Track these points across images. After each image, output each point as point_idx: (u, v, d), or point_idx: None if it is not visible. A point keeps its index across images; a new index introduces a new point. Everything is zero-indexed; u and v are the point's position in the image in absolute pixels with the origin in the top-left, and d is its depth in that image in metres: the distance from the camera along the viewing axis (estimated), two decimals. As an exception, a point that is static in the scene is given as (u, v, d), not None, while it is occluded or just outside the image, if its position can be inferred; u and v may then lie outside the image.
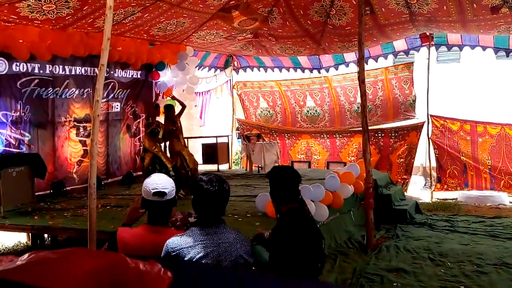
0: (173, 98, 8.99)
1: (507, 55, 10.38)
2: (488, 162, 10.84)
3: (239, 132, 13.36)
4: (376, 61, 11.78)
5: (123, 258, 0.75)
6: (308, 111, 13.31)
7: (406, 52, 11.68)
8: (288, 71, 13.27)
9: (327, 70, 12.75)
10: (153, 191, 2.78)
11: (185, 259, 2.44)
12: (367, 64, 9.11)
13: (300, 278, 2.47)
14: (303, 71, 13.15)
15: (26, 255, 0.80)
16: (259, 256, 3.01)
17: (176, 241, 2.55)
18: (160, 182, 2.82)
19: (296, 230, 2.92)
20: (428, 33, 10.81)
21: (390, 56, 11.87)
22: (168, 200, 2.83)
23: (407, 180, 11.53)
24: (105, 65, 3.87)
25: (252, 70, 13.58)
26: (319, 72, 12.91)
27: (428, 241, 7.49)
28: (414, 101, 12.13)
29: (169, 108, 8.71)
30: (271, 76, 13.89)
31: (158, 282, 0.76)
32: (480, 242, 7.40)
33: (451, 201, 10.62)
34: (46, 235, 7.13)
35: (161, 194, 2.78)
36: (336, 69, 12.57)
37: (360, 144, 8.05)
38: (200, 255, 2.45)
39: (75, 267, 0.75)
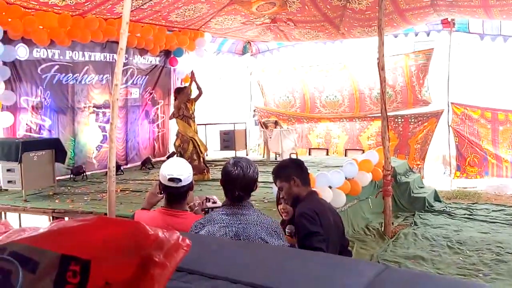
0: (193, 78, 8.52)
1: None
2: (509, 151, 10.66)
3: (256, 119, 13.33)
4: (396, 37, 11.39)
5: (143, 226, 0.76)
6: (327, 96, 13.20)
7: (427, 33, 11.33)
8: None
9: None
10: (168, 177, 2.80)
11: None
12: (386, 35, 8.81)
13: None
14: (324, 43, 12.76)
15: (48, 224, 0.81)
16: None
17: (199, 220, 2.59)
18: (176, 168, 2.83)
19: (322, 207, 3.07)
20: (449, 19, 10.60)
21: (411, 34, 11.47)
22: (184, 186, 2.84)
23: (420, 166, 11.44)
24: (124, 49, 3.89)
25: (272, 53, 13.42)
26: (341, 42, 12.55)
27: (446, 229, 7.44)
28: (426, 91, 11.97)
29: (181, 90, 8.43)
30: (290, 58, 13.71)
31: (177, 249, 0.77)
32: (500, 231, 7.32)
33: (470, 189, 10.50)
34: (66, 219, 7.23)
35: (176, 180, 2.79)
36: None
37: (380, 128, 8.01)
38: (217, 233, 2.47)
39: (96, 234, 0.76)
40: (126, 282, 0.73)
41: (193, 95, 8.55)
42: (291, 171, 3.15)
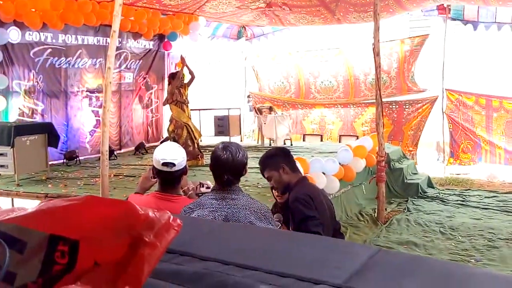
0: (183, 63, 8.53)
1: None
2: (503, 138, 10.69)
3: (251, 104, 13.28)
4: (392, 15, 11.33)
5: (133, 206, 0.75)
6: (322, 82, 13.14)
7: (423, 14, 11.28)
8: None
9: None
10: (161, 161, 2.77)
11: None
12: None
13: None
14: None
15: (38, 204, 0.80)
16: None
17: (189, 204, 2.58)
18: (169, 152, 2.81)
19: (316, 191, 3.11)
20: (445, 5, 10.55)
21: (406, 17, 11.37)
22: (178, 170, 2.82)
23: (413, 152, 11.48)
24: (117, 32, 3.84)
25: (267, 38, 13.31)
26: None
27: (439, 215, 7.48)
28: (412, 76, 11.95)
29: (174, 75, 8.39)
30: (286, 43, 13.62)
31: (168, 229, 0.75)
32: (492, 217, 7.39)
33: (464, 175, 10.55)
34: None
35: (170, 165, 2.77)
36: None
37: (374, 114, 8.03)
38: (207, 217, 2.45)
39: (85, 214, 0.74)
40: (115, 262, 0.72)
41: (186, 80, 8.50)
42: (279, 159, 3.14)
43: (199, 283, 0.82)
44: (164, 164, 2.77)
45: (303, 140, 12.47)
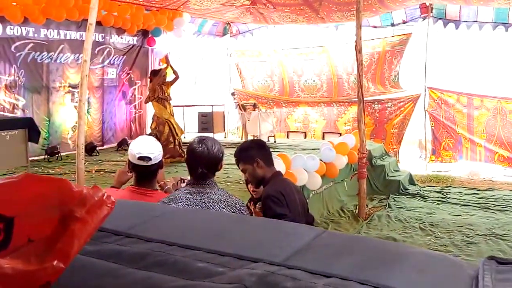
0: (167, 62, 8.62)
1: (506, 30, 10.21)
2: (484, 136, 10.82)
3: (235, 101, 13.27)
4: (376, 27, 11.53)
5: (68, 183, 0.75)
6: (306, 81, 13.17)
7: (405, 22, 11.41)
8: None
9: (327, 27, 12.38)
10: (137, 155, 2.75)
11: None
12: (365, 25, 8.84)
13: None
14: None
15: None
16: None
17: (163, 199, 2.58)
18: (145, 146, 2.79)
19: (288, 187, 3.09)
20: (428, 4, 10.63)
21: (389, 27, 11.63)
22: (154, 164, 2.81)
23: (396, 150, 11.56)
24: (93, 25, 3.83)
25: (252, 34, 13.30)
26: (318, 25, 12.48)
27: (419, 211, 7.56)
28: (395, 76, 12.00)
29: (156, 73, 8.36)
30: (271, 39, 13.64)
31: (101, 205, 0.76)
32: (471, 214, 7.47)
33: (445, 173, 10.66)
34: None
35: (146, 159, 2.75)
36: (336, 28, 12.25)
37: (356, 113, 8.05)
38: None
39: (21, 191, 0.75)
40: (47, 238, 0.72)
41: (169, 79, 8.48)
42: (254, 152, 3.08)
43: (140, 263, 0.83)
44: (140, 158, 2.75)
45: (287, 137, 12.50)
